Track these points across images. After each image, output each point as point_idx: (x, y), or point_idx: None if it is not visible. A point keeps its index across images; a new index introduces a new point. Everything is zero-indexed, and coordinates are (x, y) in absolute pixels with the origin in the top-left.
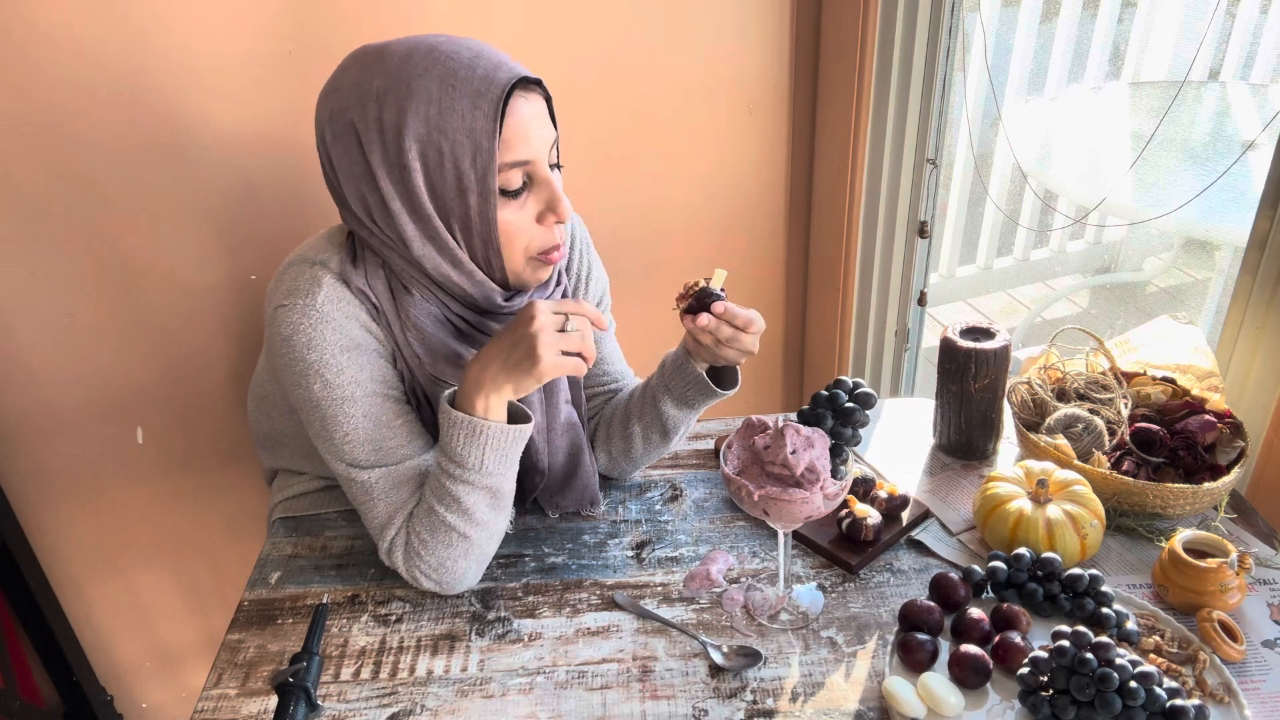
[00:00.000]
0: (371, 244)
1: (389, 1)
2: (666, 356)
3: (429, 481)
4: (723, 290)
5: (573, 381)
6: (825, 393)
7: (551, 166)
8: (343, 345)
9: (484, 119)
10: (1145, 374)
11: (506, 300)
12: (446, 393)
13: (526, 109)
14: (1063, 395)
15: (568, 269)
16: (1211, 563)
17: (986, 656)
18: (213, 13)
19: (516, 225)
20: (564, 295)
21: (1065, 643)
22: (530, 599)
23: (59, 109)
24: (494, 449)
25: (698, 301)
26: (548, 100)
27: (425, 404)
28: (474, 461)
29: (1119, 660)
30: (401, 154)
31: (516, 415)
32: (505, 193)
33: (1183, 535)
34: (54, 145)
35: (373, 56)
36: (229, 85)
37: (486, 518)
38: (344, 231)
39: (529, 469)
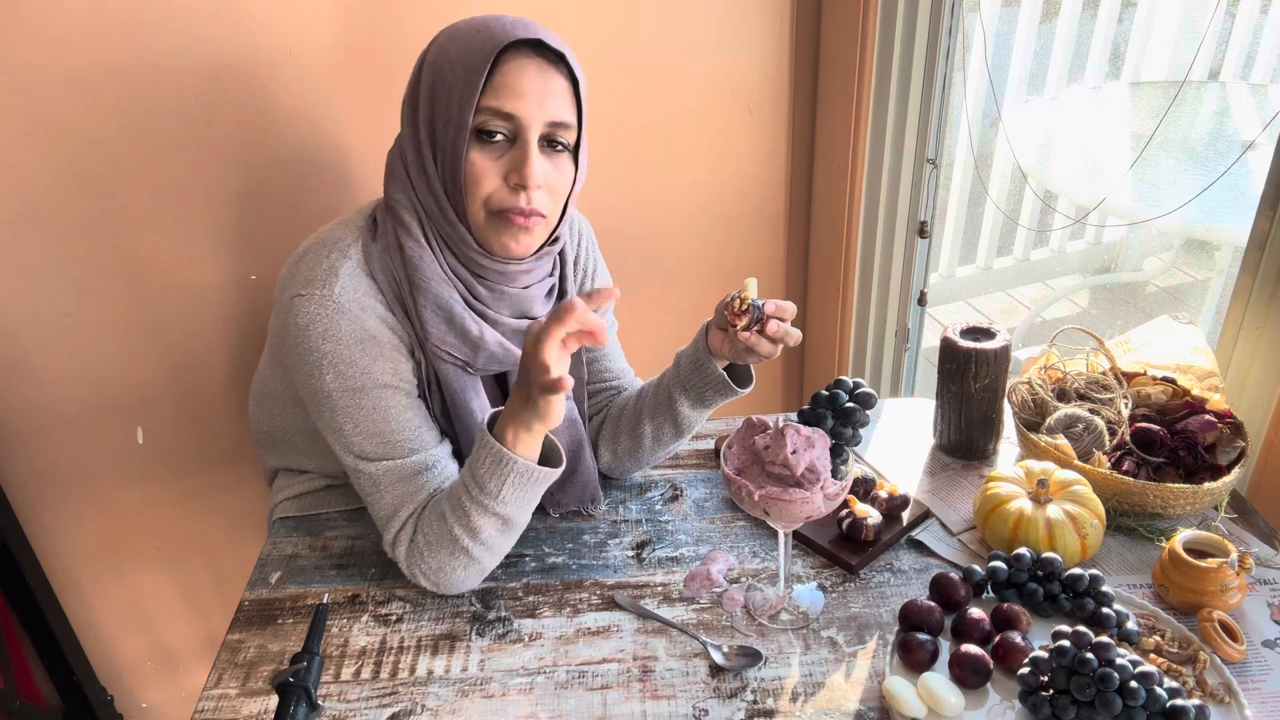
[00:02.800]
0: (395, 193)
1: (388, 4)
2: (681, 356)
3: (449, 489)
4: (758, 299)
5: (574, 377)
6: (825, 393)
7: (555, 145)
8: (358, 337)
9: (479, 57)
10: (1145, 374)
11: (487, 260)
12: (489, 412)
13: (533, 72)
14: (1063, 395)
15: (575, 263)
16: (1212, 563)
17: (987, 656)
18: (214, 13)
19: (482, 170)
20: (560, 289)
21: (1065, 643)
22: (531, 599)
23: (60, 108)
24: (514, 483)
25: (755, 317)
26: (576, 87)
27: (439, 395)
28: (493, 488)
29: (1119, 660)
30: (418, 80)
31: (551, 456)
32: (481, 134)
33: (1183, 535)
34: (55, 144)
35: None
36: (230, 85)
37: (493, 540)
38: (363, 215)
39: None
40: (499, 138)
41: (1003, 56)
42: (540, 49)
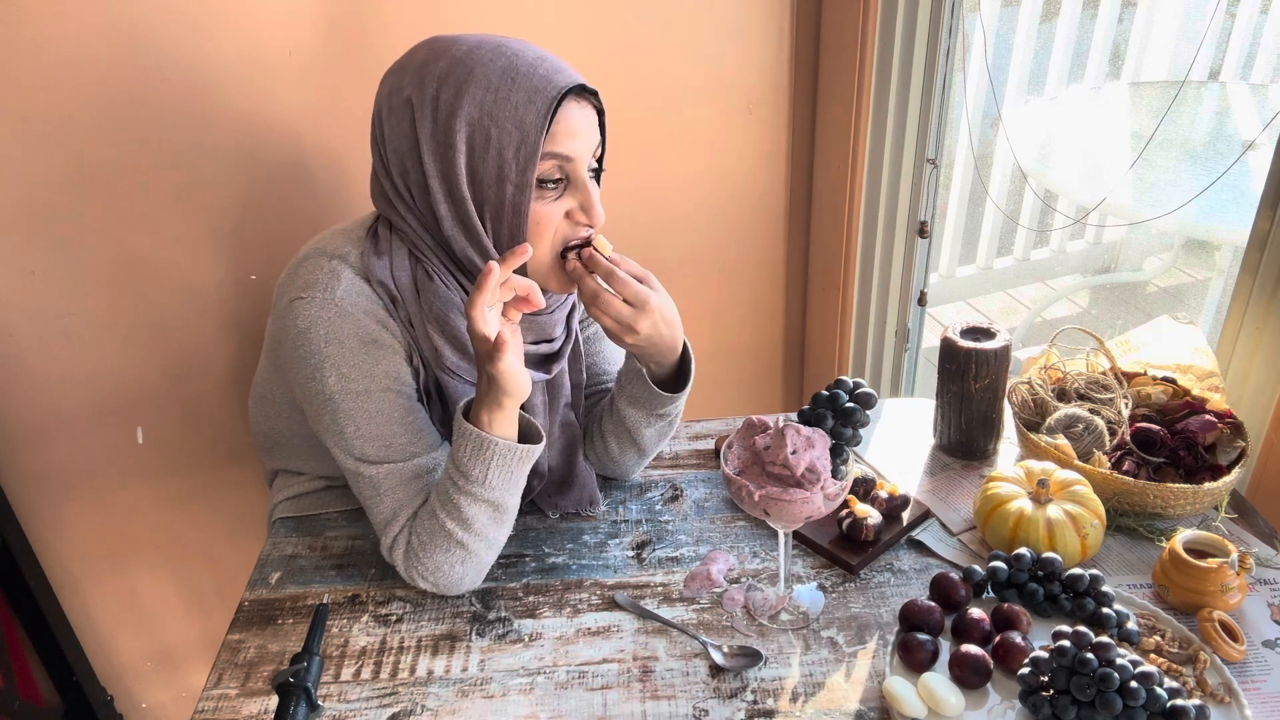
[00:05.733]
0: (403, 225)
1: (388, 4)
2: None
3: (436, 486)
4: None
5: (573, 384)
6: (825, 393)
7: (592, 173)
8: (360, 339)
9: (535, 114)
10: (1145, 374)
11: None
12: (463, 402)
13: (578, 113)
14: (1063, 395)
15: None
16: (1212, 563)
17: (987, 656)
18: (214, 14)
19: (547, 218)
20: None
21: (1066, 643)
22: (531, 599)
23: (62, 107)
24: (499, 466)
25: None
26: (600, 113)
27: (438, 401)
28: (478, 475)
29: (1120, 660)
30: (450, 133)
31: (530, 434)
32: (541, 183)
33: (1183, 535)
34: (56, 144)
35: (443, 43)
36: (231, 85)
37: (486, 530)
38: (362, 226)
39: (529, 471)
40: (558, 181)
41: (1003, 56)
42: (578, 89)
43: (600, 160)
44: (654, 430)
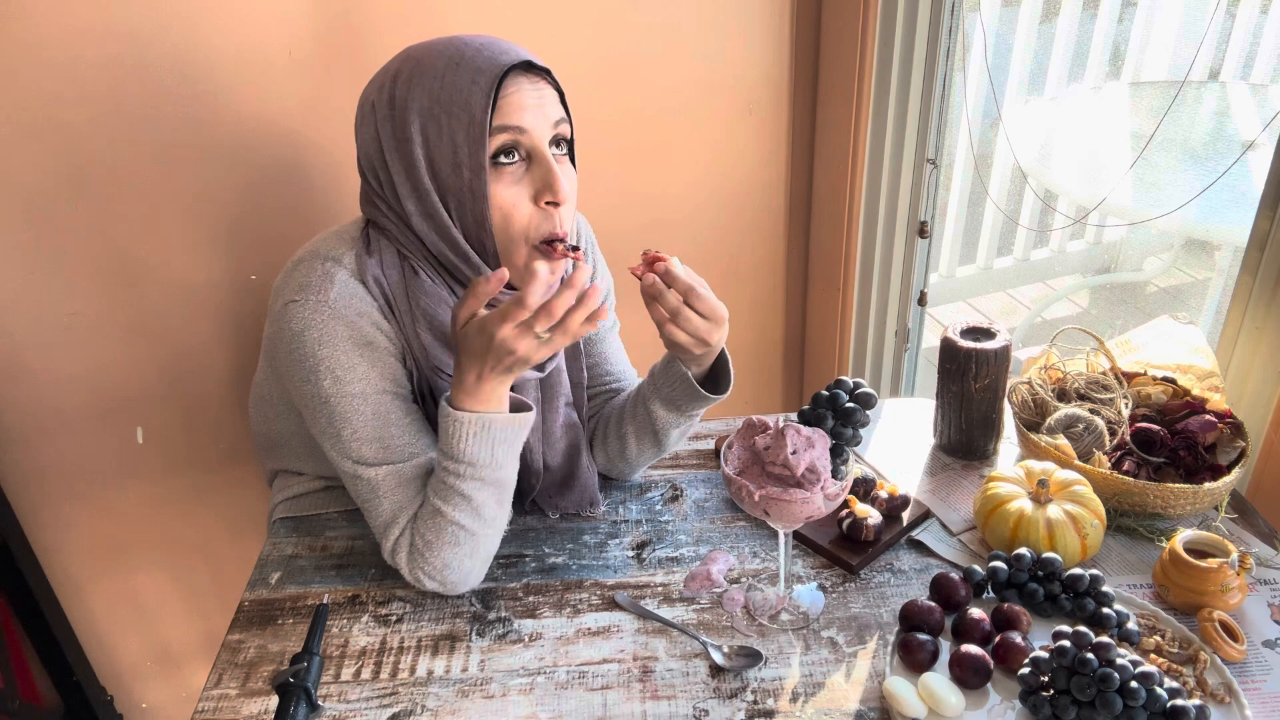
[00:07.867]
0: (385, 225)
1: (387, 4)
2: (657, 362)
3: (431, 485)
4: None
5: (574, 383)
6: (826, 393)
7: (560, 146)
8: (355, 341)
9: (480, 93)
10: (1146, 374)
11: (508, 293)
12: (445, 395)
13: (528, 87)
14: (1063, 395)
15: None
16: (1212, 563)
17: (987, 656)
18: (213, 13)
19: (512, 202)
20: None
21: (1066, 643)
22: (531, 599)
23: (61, 108)
24: (503, 441)
25: (648, 265)
26: (560, 93)
27: (431, 402)
28: (485, 457)
29: (1120, 660)
30: (405, 127)
31: (515, 406)
32: (497, 161)
33: (1183, 535)
34: (55, 144)
35: (408, 49)
36: (229, 85)
37: (493, 513)
38: (357, 227)
39: (526, 470)
40: (515, 157)
41: (1003, 56)
42: (528, 67)
43: (571, 141)
44: (680, 430)
